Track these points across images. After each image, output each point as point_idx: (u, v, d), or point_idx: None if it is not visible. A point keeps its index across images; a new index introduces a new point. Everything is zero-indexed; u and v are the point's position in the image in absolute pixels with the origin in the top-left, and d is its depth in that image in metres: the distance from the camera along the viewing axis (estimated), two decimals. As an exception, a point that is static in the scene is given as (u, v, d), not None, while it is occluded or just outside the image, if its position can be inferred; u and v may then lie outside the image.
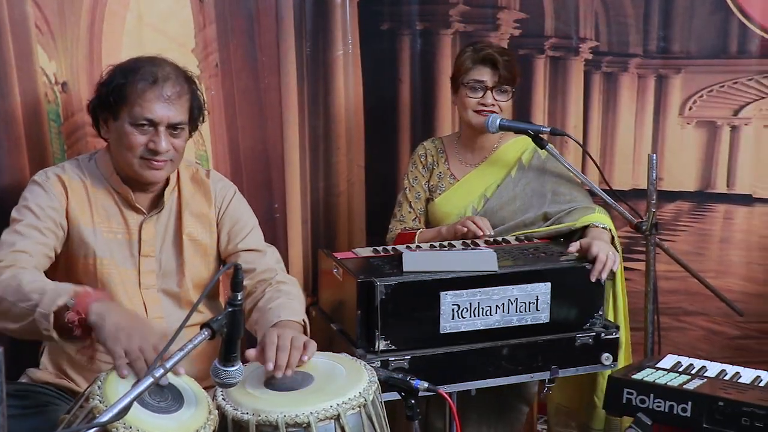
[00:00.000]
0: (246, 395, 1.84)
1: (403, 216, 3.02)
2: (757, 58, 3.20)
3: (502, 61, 2.81)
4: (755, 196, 3.32)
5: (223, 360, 1.73)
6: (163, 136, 2.20)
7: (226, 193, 2.44)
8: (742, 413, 2.04)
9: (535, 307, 2.46)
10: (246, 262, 2.35)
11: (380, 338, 2.33)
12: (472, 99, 2.85)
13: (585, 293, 2.52)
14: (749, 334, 3.36)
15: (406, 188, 3.04)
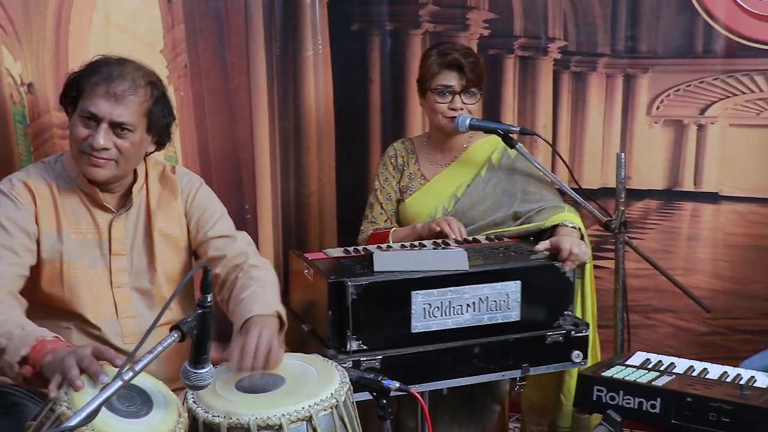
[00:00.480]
0: (217, 397, 1.83)
1: (375, 217, 3.02)
2: (722, 58, 3.23)
3: (468, 65, 2.80)
4: (721, 194, 3.35)
5: (193, 362, 1.72)
6: (102, 132, 2.16)
7: (192, 185, 2.43)
8: (709, 408, 2.06)
9: (506, 305, 2.47)
10: (217, 249, 2.35)
11: (351, 338, 2.33)
12: (441, 104, 2.85)
13: (555, 291, 2.54)
14: (716, 331, 3.40)
15: (377, 189, 3.04)
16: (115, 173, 2.24)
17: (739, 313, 3.36)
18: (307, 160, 3.66)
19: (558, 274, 2.52)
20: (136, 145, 2.24)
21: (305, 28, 3.54)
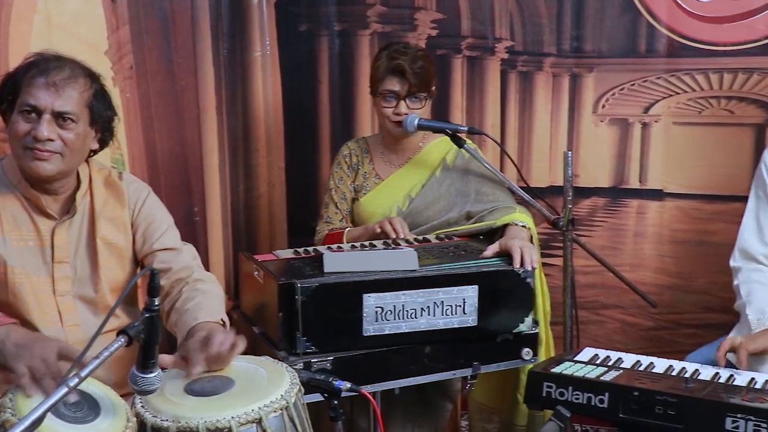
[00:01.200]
0: (165, 402, 1.81)
1: (330, 217, 3.02)
2: (664, 58, 3.28)
3: (412, 71, 2.80)
4: (666, 191, 3.40)
5: (140, 366, 1.70)
6: (45, 123, 2.12)
7: (140, 194, 2.40)
8: (655, 402, 2.09)
9: (462, 310, 2.45)
10: (162, 262, 2.32)
11: (302, 340, 2.32)
12: (386, 108, 2.86)
13: (514, 297, 2.51)
14: (662, 325, 3.45)
15: (332, 189, 3.03)
16: (61, 168, 2.19)
17: (684, 308, 3.42)
18: (257, 161, 3.64)
19: (518, 280, 2.50)
20: (81, 137, 2.20)
21: (253, 28, 3.53)
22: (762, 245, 2.64)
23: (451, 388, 2.98)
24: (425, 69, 2.85)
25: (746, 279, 2.62)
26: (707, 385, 2.16)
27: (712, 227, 3.33)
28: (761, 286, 2.58)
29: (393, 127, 2.88)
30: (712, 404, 2.04)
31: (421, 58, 2.86)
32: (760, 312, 2.49)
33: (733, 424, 1.99)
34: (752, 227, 2.68)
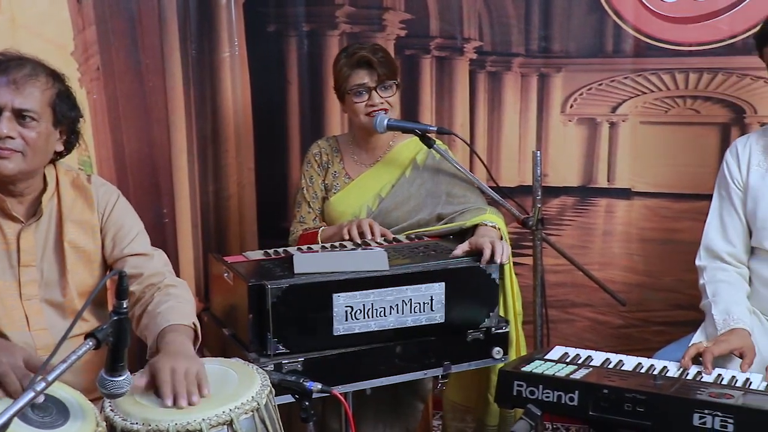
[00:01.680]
0: (135, 405, 1.80)
1: (303, 217, 3.01)
2: (631, 57, 3.30)
3: (377, 60, 2.82)
4: (634, 190, 3.42)
5: (109, 370, 1.69)
6: (5, 120, 2.09)
7: (109, 198, 2.37)
8: (624, 399, 2.11)
9: (430, 307, 2.47)
10: (133, 267, 2.30)
11: (273, 341, 2.31)
12: (359, 104, 2.86)
13: (480, 293, 2.54)
14: (631, 323, 3.48)
15: (304, 188, 3.03)
16: (22, 167, 2.15)
17: (652, 306, 3.45)
18: (226, 162, 3.63)
19: (483, 276, 2.53)
20: (43, 136, 2.16)
21: (221, 29, 3.51)
22: (726, 243, 2.67)
23: (423, 387, 2.99)
24: (387, 58, 2.88)
25: (712, 278, 2.65)
26: (675, 382, 2.19)
27: (680, 225, 3.36)
28: (726, 286, 2.61)
29: (368, 122, 2.87)
30: (679, 401, 2.07)
31: (380, 50, 2.89)
32: (725, 312, 2.51)
33: (700, 420, 2.02)
34: (716, 226, 2.71)
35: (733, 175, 2.68)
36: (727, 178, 2.69)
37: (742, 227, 2.66)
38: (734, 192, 2.67)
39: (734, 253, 2.66)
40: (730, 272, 2.65)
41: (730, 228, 2.67)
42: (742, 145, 2.69)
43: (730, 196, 2.68)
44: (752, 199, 2.62)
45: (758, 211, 2.59)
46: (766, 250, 2.59)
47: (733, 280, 2.63)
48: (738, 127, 3.23)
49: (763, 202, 2.59)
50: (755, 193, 2.61)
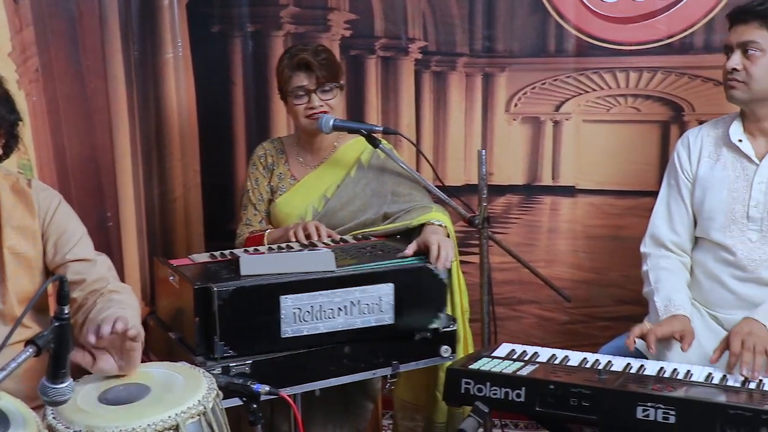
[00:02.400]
0: (78, 412, 1.77)
1: (249, 219, 2.99)
2: (573, 57, 3.33)
3: (317, 62, 2.81)
4: (578, 188, 3.46)
5: (51, 377, 1.66)
6: None
7: (51, 203, 2.32)
8: (570, 394, 2.14)
9: (379, 308, 2.46)
10: (76, 273, 2.26)
11: (220, 344, 2.29)
12: (299, 106, 2.86)
13: (428, 293, 2.54)
14: (577, 319, 3.51)
15: (249, 190, 3.01)
16: None
17: (598, 302, 3.48)
18: (171, 164, 3.60)
19: (431, 276, 2.53)
20: None
21: (164, 30, 3.48)
22: (671, 232, 2.72)
23: (372, 387, 2.99)
24: (329, 60, 2.86)
25: (655, 265, 2.70)
26: (619, 376, 2.23)
27: (623, 222, 3.40)
28: (668, 273, 2.66)
29: (309, 124, 2.87)
30: (623, 394, 2.11)
31: (323, 51, 2.88)
32: (667, 299, 2.57)
33: (643, 412, 2.06)
34: (663, 214, 2.76)
35: (683, 165, 2.72)
36: (677, 168, 2.74)
37: (688, 217, 2.71)
38: (683, 182, 2.72)
39: (678, 242, 2.72)
40: (672, 260, 2.70)
41: (676, 217, 2.72)
42: (694, 136, 2.74)
43: (679, 186, 2.72)
44: (701, 189, 2.67)
45: (706, 201, 2.64)
46: (710, 240, 2.64)
47: (675, 268, 2.68)
48: (677, 124, 3.28)
49: (711, 193, 2.64)
50: (704, 183, 2.66)
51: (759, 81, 2.50)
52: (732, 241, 2.59)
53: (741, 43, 2.51)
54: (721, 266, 2.62)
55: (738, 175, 2.61)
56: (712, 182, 2.64)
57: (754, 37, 2.48)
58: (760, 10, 2.47)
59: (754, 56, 2.49)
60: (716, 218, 2.62)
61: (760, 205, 2.56)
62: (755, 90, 2.52)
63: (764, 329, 2.34)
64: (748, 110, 2.59)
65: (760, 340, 2.29)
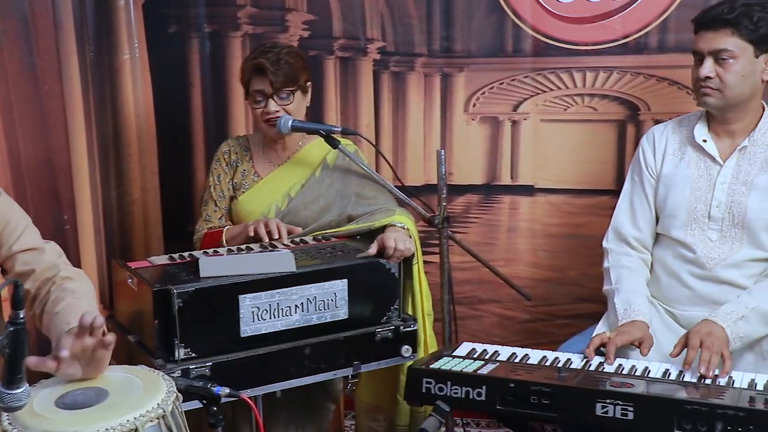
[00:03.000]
0: (35, 417, 1.74)
1: (209, 215, 2.98)
2: (531, 57, 3.35)
3: (273, 69, 2.79)
4: (536, 187, 3.48)
5: (6, 382, 1.63)
6: None
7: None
8: (530, 392, 2.15)
9: (334, 304, 2.50)
10: (25, 264, 2.20)
11: (180, 347, 2.29)
12: (257, 110, 2.85)
13: (381, 288, 2.59)
14: (537, 317, 3.54)
15: (211, 186, 2.99)
16: None
17: (557, 300, 3.51)
18: (129, 166, 3.56)
19: (383, 271, 2.58)
20: None
21: (120, 31, 3.44)
22: (634, 228, 2.75)
23: (334, 388, 2.99)
24: (290, 64, 2.84)
25: (616, 263, 2.72)
26: (578, 374, 2.25)
27: (582, 221, 3.43)
28: (630, 272, 2.69)
29: (267, 128, 2.87)
30: (582, 392, 2.13)
31: (286, 54, 2.85)
32: (626, 302, 2.59)
33: (602, 409, 2.08)
34: (626, 210, 2.78)
35: (647, 161, 2.75)
36: (642, 164, 2.76)
37: (650, 214, 2.74)
38: (646, 178, 2.74)
39: (641, 239, 2.74)
40: (633, 258, 2.73)
41: (639, 213, 2.75)
42: (659, 133, 2.77)
43: (642, 182, 2.75)
44: (664, 186, 2.70)
45: (669, 199, 2.67)
46: (671, 237, 2.67)
47: (636, 267, 2.71)
48: (633, 123, 3.32)
49: (674, 191, 2.67)
50: (668, 181, 2.69)
51: (733, 88, 2.53)
52: (692, 240, 2.62)
53: (713, 51, 2.52)
54: (681, 263, 2.66)
55: (701, 175, 2.65)
56: (676, 180, 2.68)
57: (726, 44, 2.50)
58: (730, 18, 2.48)
59: (727, 63, 2.50)
60: (678, 216, 2.65)
61: (722, 205, 2.59)
62: (729, 96, 2.54)
63: (723, 332, 2.38)
64: (718, 113, 2.62)
65: (717, 341, 2.33)
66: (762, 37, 2.50)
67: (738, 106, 2.58)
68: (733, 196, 2.58)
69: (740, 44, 2.49)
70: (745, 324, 2.41)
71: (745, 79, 2.52)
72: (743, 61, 2.50)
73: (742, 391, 2.10)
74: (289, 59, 2.84)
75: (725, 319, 2.41)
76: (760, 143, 2.59)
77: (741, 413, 1.96)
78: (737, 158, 2.60)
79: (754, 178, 2.57)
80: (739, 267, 2.57)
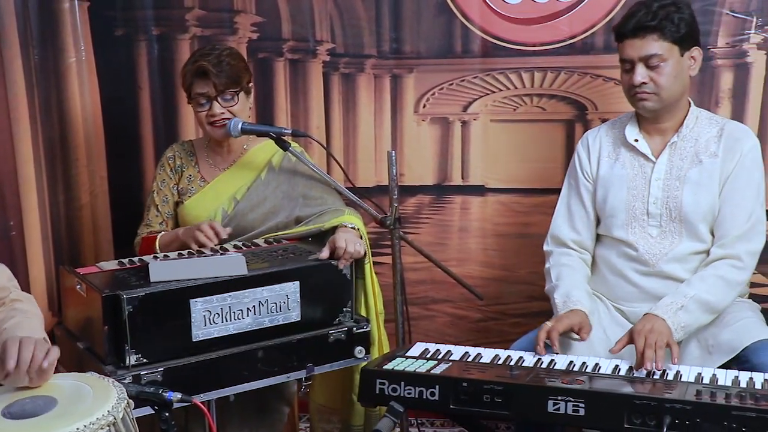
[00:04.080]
0: (-20, 427, 1.72)
1: (150, 220, 2.96)
2: (479, 58, 3.37)
3: (215, 71, 2.77)
4: (487, 187, 3.50)
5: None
6: None
7: None
8: (483, 391, 2.17)
9: (286, 306, 2.50)
10: None
11: (130, 353, 2.26)
12: (201, 113, 2.83)
13: (333, 289, 2.60)
14: (489, 316, 3.56)
15: (154, 191, 2.97)
16: None
17: (508, 299, 3.54)
18: (77, 171, 3.51)
19: (335, 272, 2.58)
20: None
21: (65, 34, 3.39)
22: (572, 231, 2.80)
23: (287, 391, 2.98)
24: (231, 66, 2.82)
25: (556, 263, 2.77)
26: (530, 372, 2.27)
27: (532, 219, 3.46)
28: (569, 270, 2.73)
29: (213, 131, 2.85)
30: (534, 389, 2.15)
31: (227, 56, 2.84)
32: (565, 295, 2.64)
33: (554, 406, 2.10)
34: (564, 214, 2.83)
35: (583, 166, 2.80)
36: (577, 168, 2.81)
37: (587, 216, 2.79)
38: (582, 183, 2.79)
39: (579, 241, 2.79)
40: (573, 257, 2.78)
41: (576, 216, 2.80)
42: (593, 137, 2.82)
43: (578, 187, 2.80)
44: (602, 188, 2.75)
45: (608, 200, 2.72)
46: (613, 237, 2.72)
47: (576, 265, 2.76)
48: (581, 123, 3.36)
49: (612, 191, 2.72)
50: (605, 183, 2.74)
51: (667, 89, 2.59)
52: (634, 237, 2.68)
53: (643, 57, 2.57)
54: (624, 261, 2.71)
55: (636, 173, 2.70)
56: (613, 181, 2.73)
57: (655, 49, 2.55)
58: (654, 24, 2.54)
59: (659, 67, 2.56)
60: (618, 216, 2.70)
61: (658, 201, 2.65)
62: (665, 98, 2.61)
63: (664, 324, 2.43)
64: (653, 115, 2.68)
65: (660, 335, 2.37)
66: (684, 36, 2.57)
67: (670, 105, 2.64)
68: (668, 191, 2.64)
69: (667, 46, 2.55)
70: (685, 313, 2.47)
71: (677, 79, 2.59)
72: (672, 62, 2.57)
73: (689, 385, 2.14)
74: (230, 61, 2.82)
75: (665, 311, 2.46)
76: (688, 138, 2.66)
77: (688, 407, 2.00)
78: (669, 154, 2.67)
79: (686, 173, 2.63)
80: (680, 261, 2.63)
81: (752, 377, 2.19)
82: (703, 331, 2.55)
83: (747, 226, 2.58)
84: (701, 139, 2.65)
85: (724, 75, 3.18)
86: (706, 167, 2.62)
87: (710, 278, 2.54)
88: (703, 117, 2.70)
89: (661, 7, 2.55)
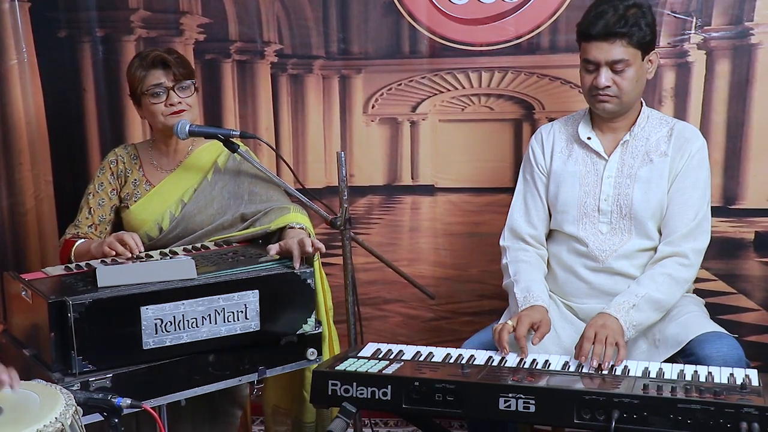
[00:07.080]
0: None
1: (80, 221, 2.91)
2: (427, 58, 3.39)
3: (173, 59, 2.78)
4: (437, 186, 3.52)
5: None
6: None
7: None
8: (435, 390, 2.18)
9: (244, 315, 2.43)
10: None
11: (78, 359, 2.22)
12: (158, 104, 2.80)
13: (295, 299, 2.52)
14: (441, 315, 3.58)
15: (90, 193, 2.92)
16: None
17: (460, 297, 3.56)
18: (21, 175, 3.46)
19: (298, 282, 2.50)
20: None
21: (6, 35, 3.34)
22: (528, 225, 2.82)
23: (239, 394, 2.96)
24: (183, 58, 2.84)
25: (514, 258, 2.79)
26: (482, 370, 2.29)
27: (482, 219, 3.48)
28: (527, 265, 2.75)
29: (170, 120, 2.80)
30: (485, 387, 2.17)
31: (175, 51, 2.86)
32: (526, 290, 2.65)
33: (505, 403, 2.12)
34: (520, 208, 2.85)
35: (537, 160, 2.83)
36: (532, 163, 2.84)
37: (544, 211, 2.82)
38: (538, 177, 2.82)
39: (536, 235, 2.81)
40: (530, 253, 2.80)
41: (533, 211, 2.82)
42: (547, 132, 2.85)
43: (534, 181, 2.82)
44: (555, 184, 2.77)
45: (560, 195, 2.75)
46: (564, 233, 2.75)
47: (533, 261, 2.78)
48: (529, 122, 3.39)
49: (564, 187, 2.75)
50: (558, 178, 2.77)
51: (629, 93, 2.63)
52: (584, 233, 2.71)
53: (610, 62, 2.59)
54: (575, 257, 2.74)
55: (589, 170, 2.73)
56: (565, 177, 2.76)
57: (623, 55, 2.57)
58: (624, 31, 2.55)
59: (624, 72, 2.59)
60: (569, 211, 2.73)
61: (609, 198, 2.69)
62: (626, 101, 2.64)
63: (617, 322, 2.46)
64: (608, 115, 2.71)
65: (612, 332, 2.40)
66: (648, 41, 2.61)
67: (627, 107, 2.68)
68: (619, 188, 2.68)
69: (632, 52, 2.58)
70: (636, 312, 2.51)
71: (638, 83, 2.63)
72: (635, 66, 2.60)
73: (636, 380, 2.17)
74: (180, 56, 2.85)
75: (618, 310, 2.50)
76: (640, 137, 2.70)
77: (636, 401, 2.04)
78: (620, 152, 2.71)
79: (637, 171, 2.67)
80: (629, 257, 2.67)
81: (696, 370, 2.24)
82: (650, 326, 2.59)
83: (693, 224, 2.62)
84: (652, 139, 2.69)
85: (667, 74, 3.23)
86: (657, 166, 2.66)
87: (659, 276, 2.58)
88: (654, 117, 2.74)
89: (627, 8, 2.57)
